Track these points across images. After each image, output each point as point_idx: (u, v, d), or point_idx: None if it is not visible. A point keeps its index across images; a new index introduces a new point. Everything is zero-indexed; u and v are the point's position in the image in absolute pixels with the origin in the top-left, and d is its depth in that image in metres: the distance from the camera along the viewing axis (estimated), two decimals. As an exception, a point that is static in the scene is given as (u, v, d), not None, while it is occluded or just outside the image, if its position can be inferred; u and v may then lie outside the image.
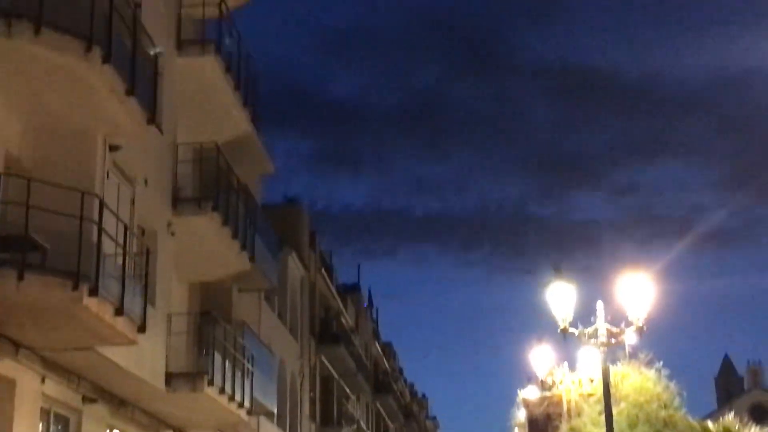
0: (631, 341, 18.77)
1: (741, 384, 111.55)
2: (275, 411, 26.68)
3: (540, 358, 26.08)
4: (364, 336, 52.68)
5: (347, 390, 44.39)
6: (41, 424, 14.85)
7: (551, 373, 26.41)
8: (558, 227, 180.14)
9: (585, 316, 16.70)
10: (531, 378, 30.72)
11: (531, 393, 31.33)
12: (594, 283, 19.28)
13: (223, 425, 22.23)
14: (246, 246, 21.89)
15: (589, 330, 16.59)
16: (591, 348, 18.78)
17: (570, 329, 16.36)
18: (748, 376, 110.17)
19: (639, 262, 16.63)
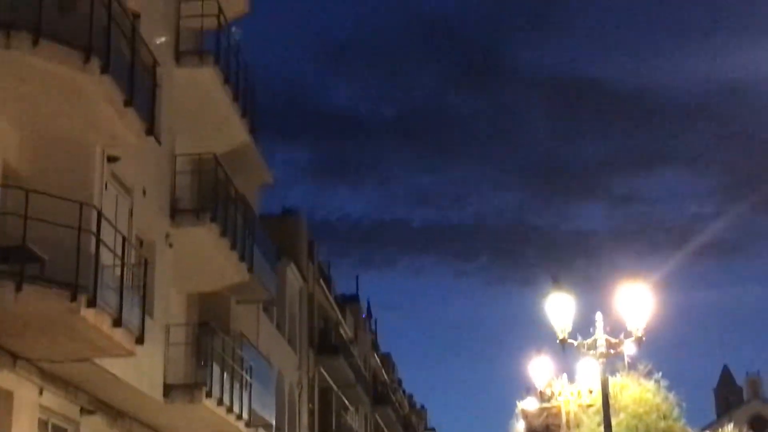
0: (630, 352, 18.80)
1: (740, 395, 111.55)
2: (273, 422, 26.62)
3: (539, 369, 26.03)
4: (362, 347, 52.62)
5: (346, 401, 44.30)
6: (39, 435, 14.80)
7: (550, 384, 26.38)
8: (556, 237, 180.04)
9: (584, 326, 16.70)
10: (530, 389, 30.70)
11: (530, 404, 31.31)
12: (593, 294, 19.29)
13: (222, 437, 22.17)
14: (244, 257, 21.88)
15: (588, 341, 16.58)
16: (590, 359, 18.77)
17: (569, 340, 16.33)
18: (747, 386, 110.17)
19: (638, 272, 16.57)
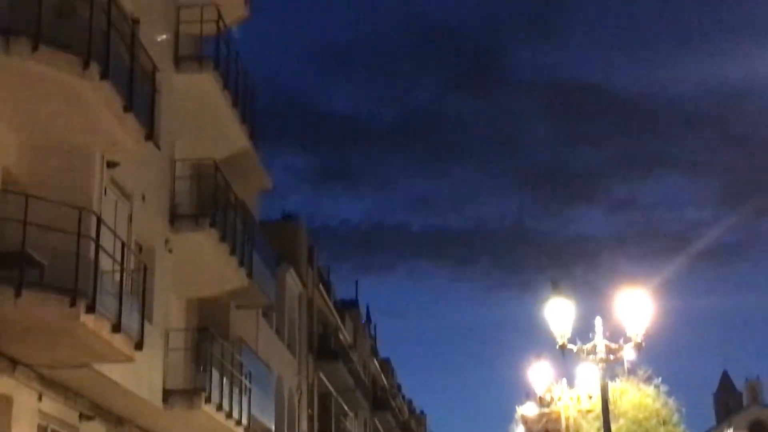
0: (630, 357, 18.72)
1: (740, 400, 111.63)
2: (273, 428, 26.58)
3: (538, 374, 26.00)
4: (362, 352, 52.60)
5: (345, 407, 44.25)
6: (38, 441, 14.78)
7: (550, 390, 26.35)
8: (556, 243, 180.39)
9: (583, 332, 16.71)
10: (529, 394, 30.61)
11: (529, 409, 31.23)
12: (592, 299, 19.29)
13: (221, 442, 22.13)
14: (244, 262, 21.87)
15: (588, 346, 16.57)
16: (589, 364, 18.73)
17: (568, 345, 16.33)
18: (746, 392, 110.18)
19: (637, 277, 16.62)
